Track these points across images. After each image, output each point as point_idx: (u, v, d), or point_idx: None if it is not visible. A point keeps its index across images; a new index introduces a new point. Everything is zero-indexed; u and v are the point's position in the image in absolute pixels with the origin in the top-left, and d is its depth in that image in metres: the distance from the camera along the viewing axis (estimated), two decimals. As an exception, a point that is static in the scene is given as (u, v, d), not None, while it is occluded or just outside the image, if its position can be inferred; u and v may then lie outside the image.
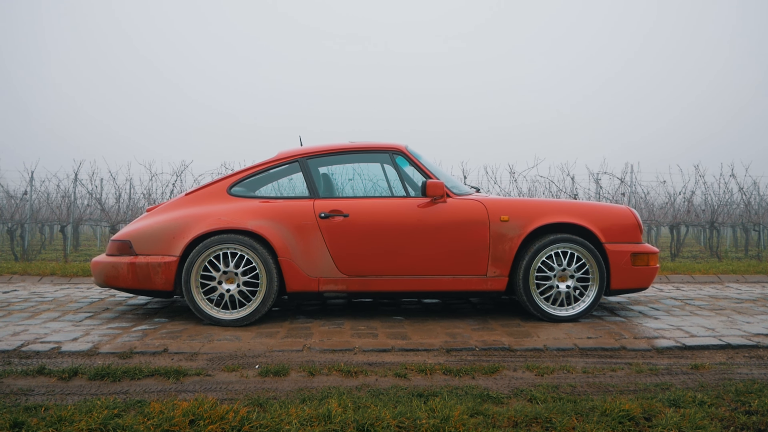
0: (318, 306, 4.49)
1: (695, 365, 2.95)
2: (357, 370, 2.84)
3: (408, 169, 4.15)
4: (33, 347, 3.22)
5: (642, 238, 4.03)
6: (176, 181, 10.13)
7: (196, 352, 3.17)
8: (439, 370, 2.87)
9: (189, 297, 3.75)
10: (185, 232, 3.78)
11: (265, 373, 2.79)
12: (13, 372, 2.79)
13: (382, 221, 3.82)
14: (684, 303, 4.65)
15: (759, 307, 4.50)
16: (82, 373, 2.78)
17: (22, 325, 3.78)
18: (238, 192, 4.00)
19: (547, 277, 3.87)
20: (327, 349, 3.23)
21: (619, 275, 3.90)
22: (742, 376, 2.79)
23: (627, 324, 3.85)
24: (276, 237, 3.77)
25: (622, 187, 10.29)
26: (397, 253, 3.81)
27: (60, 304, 4.52)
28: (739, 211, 11.29)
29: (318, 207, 3.85)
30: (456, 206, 3.87)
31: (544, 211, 3.90)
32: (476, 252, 3.83)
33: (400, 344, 3.33)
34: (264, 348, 3.26)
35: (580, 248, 3.85)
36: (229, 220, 3.78)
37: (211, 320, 3.76)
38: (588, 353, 3.21)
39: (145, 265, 3.79)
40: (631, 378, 2.78)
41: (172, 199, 4.13)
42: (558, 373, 2.85)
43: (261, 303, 3.76)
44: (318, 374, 2.81)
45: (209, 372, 2.84)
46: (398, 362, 3.01)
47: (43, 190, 12.53)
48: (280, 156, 4.09)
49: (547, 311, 3.86)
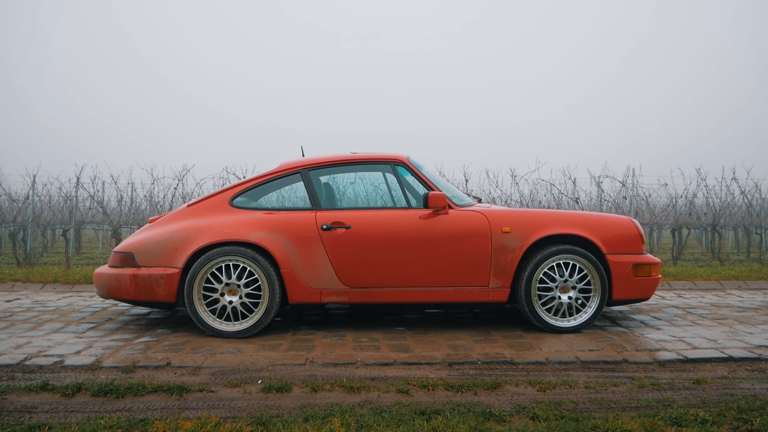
0: (320, 316, 4.50)
1: (697, 380, 2.95)
2: (359, 386, 2.85)
3: (410, 179, 4.16)
4: (36, 361, 3.24)
5: (644, 248, 4.03)
6: (178, 185, 10.16)
7: (199, 366, 3.18)
8: (441, 385, 2.88)
9: (191, 309, 3.76)
10: (187, 244, 3.79)
11: (268, 389, 2.80)
12: (17, 388, 2.80)
13: (384, 233, 3.83)
14: (686, 312, 4.65)
15: (761, 316, 4.50)
16: (86, 389, 2.79)
17: (25, 337, 3.80)
18: (240, 203, 4.01)
19: (548, 288, 3.87)
20: (329, 363, 3.24)
21: (621, 286, 3.90)
22: (744, 392, 2.79)
23: (629, 335, 3.85)
24: (278, 249, 3.78)
25: (623, 190, 10.29)
26: (399, 265, 3.82)
27: (63, 314, 4.53)
28: (741, 214, 11.29)
29: (320, 219, 3.86)
30: (458, 218, 3.88)
31: (546, 223, 3.91)
32: (478, 263, 3.84)
33: (403, 357, 3.34)
34: (267, 361, 3.27)
35: (581, 259, 3.85)
36: (231, 232, 3.79)
37: (213, 332, 3.77)
38: (590, 366, 3.21)
39: (147, 277, 3.80)
40: (633, 393, 2.79)
41: (174, 210, 4.14)
42: (560, 389, 2.85)
43: (263, 315, 3.77)
44: (321, 390, 2.81)
45: (212, 388, 2.84)
46: (400, 377, 3.02)
47: (45, 193, 12.57)
48: (282, 167, 4.10)
49: (549, 322, 3.87)
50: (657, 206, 12.48)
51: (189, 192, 10.47)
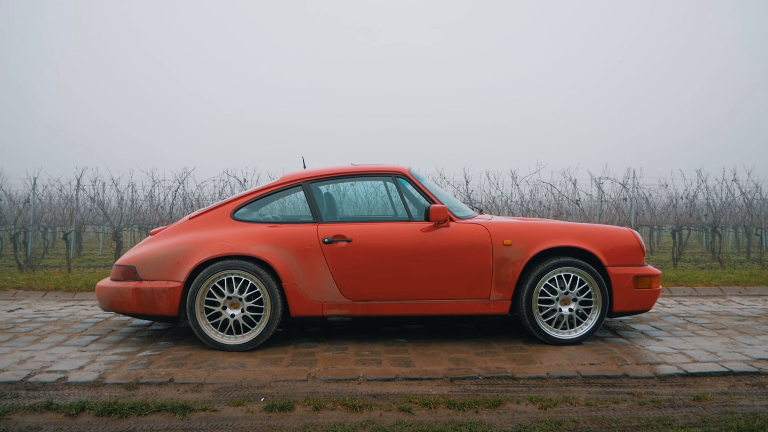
0: (322, 326, 4.51)
1: (697, 396, 2.97)
2: (362, 404, 2.87)
3: (411, 190, 4.16)
4: (40, 378, 3.25)
5: (644, 260, 4.04)
6: (179, 188, 10.18)
7: (202, 383, 3.20)
8: (443, 403, 2.89)
9: (194, 323, 3.78)
10: (189, 257, 3.80)
11: (271, 408, 2.82)
12: (21, 407, 2.82)
13: (385, 246, 3.84)
14: (686, 321, 4.67)
15: (761, 325, 4.52)
16: (90, 408, 2.80)
17: (28, 350, 3.81)
18: (241, 216, 4.02)
19: (549, 300, 3.89)
20: (331, 379, 3.25)
21: (622, 298, 3.92)
22: (743, 409, 2.81)
23: (629, 347, 3.87)
24: (280, 262, 3.79)
25: (624, 192, 10.29)
26: (400, 278, 3.83)
27: (65, 325, 4.55)
28: (742, 214, 11.30)
29: (321, 232, 3.87)
30: (459, 230, 3.89)
31: (547, 235, 3.92)
32: (479, 276, 3.85)
33: (404, 372, 3.35)
34: (269, 377, 3.28)
35: (582, 272, 3.87)
36: (233, 246, 3.80)
37: (215, 345, 3.78)
38: (590, 381, 3.23)
39: (149, 290, 3.81)
40: (634, 411, 2.80)
41: (176, 223, 4.15)
42: (561, 406, 2.87)
43: (265, 328, 3.78)
44: (323, 409, 2.83)
45: (215, 406, 2.86)
46: (402, 393, 3.03)
47: (46, 195, 12.58)
48: (283, 180, 4.11)
49: (550, 334, 3.88)
50: (657, 206, 12.49)
51: (190, 192, 10.49)
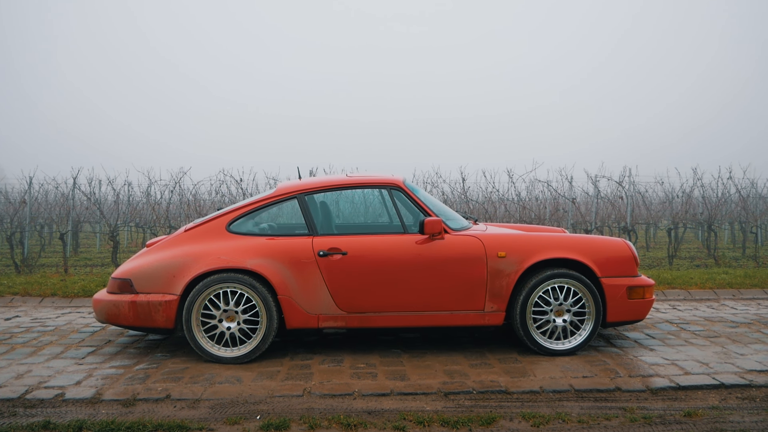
0: (318, 337, 4.53)
1: (688, 412, 3.01)
2: (356, 422, 2.90)
3: (405, 201, 4.16)
4: (37, 394, 3.27)
5: (638, 270, 4.07)
6: (175, 187, 10.18)
7: (198, 399, 3.22)
8: (436, 420, 2.92)
9: (190, 335, 3.80)
10: (185, 270, 3.82)
11: (267, 427, 2.84)
12: (19, 427, 2.84)
13: (380, 259, 3.85)
14: (679, 329, 4.70)
15: (753, 333, 4.56)
16: (87, 428, 2.83)
17: (25, 364, 3.83)
18: (236, 228, 4.03)
19: (543, 311, 3.91)
20: (327, 394, 3.28)
21: (615, 308, 3.95)
22: (733, 426, 2.85)
23: (622, 357, 3.90)
24: (275, 275, 3.81)
25: (620, 190, 10.32)
26: (395, 290, 3.85)
27: (62, 335, 4.57)
28: (738, 210, 11.34)
29: (317, 245, 3.88)
30: (454, 243, 3.90)
31: (541, 247, 3.94)
32: (474, 288, 3.88)
33: (399, 387, 3.38)
34: (265, 393, 3.31)
35: (576, 283, 3.89)
36: (229, 259, 3.82)
37: (211, 358, 3.81)
38: (583, 396, 3.26)
39: (146, 303, 3.83)
40: (625, 428, 2.84)
41: (172, 235, 4.16)
42: (553, 423, 2.90)
43: (261, 341, 3.81)
44: (318, 427, 2.86)
45: (211, 425, 2.89)
46: (397, 410, 3.06)
47: (42, 192, 12.55)
48: (279, 192, 4.11)
49: (544, 345, 3.91)
50: (654, 203, 12.53)
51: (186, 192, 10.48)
